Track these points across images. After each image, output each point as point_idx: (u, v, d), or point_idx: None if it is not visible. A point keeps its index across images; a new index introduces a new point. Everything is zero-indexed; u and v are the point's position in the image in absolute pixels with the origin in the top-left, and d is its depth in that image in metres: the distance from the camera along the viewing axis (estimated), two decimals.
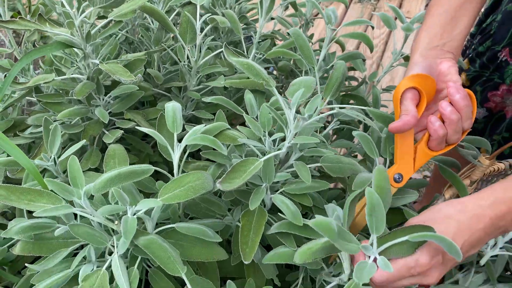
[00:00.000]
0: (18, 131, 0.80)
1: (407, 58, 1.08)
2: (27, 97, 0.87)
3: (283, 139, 0.62)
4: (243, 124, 0.69)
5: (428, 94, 0.63)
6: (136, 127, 0.62)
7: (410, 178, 0.66)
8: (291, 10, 1.19)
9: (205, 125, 0.62)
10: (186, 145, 0.63)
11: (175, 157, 0.61)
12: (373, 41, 2.40)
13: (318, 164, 0.64)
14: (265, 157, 0.57)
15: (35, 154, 0.77)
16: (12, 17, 0.96)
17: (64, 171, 0.75)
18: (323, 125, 0.87)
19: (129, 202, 0.55)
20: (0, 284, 0.79)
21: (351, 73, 1.21)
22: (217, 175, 0.63)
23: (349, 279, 0.55)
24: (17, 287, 0.72)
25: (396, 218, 0.67)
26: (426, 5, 2.95)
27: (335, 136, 1.01)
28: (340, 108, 0.62)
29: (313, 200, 0.63)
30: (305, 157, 0.64)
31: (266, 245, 0.72)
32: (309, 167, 0.62)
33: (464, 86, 1.29)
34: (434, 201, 0.87)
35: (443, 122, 0.62)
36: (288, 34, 1.10)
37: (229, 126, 0.65)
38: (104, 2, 0.59)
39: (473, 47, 1.18)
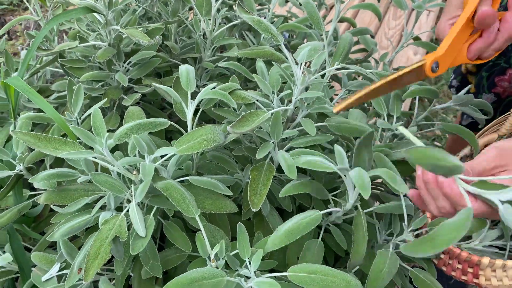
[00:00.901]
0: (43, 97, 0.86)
1: (417, 38, 1.10)
2: (50, 68, 0.92)
3: (290, 101, 0.66)
4: None
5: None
6: (154, 84, 0.66)
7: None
8: None
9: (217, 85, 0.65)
10: (199, 104, 0.67)
11: (189, 113, 0.65)
12: (388, 31, 2.42)
13: (324, 123, 0.67)
14: (273, 110, 0.60)
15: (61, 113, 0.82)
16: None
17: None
18: (332, 97, 0.90)
19: (147, 151, 0.59)
20: (25, 242, 0.84)
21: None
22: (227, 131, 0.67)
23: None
24: (39, 244, 0.77)
25: (403, 169, 0.70)
26: None
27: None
28: (344, 68, 0.65)
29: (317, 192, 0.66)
30: (313, 116, 0.67)
31: (277, 208, 0.76)
32: (316, 125, 0.65)
33: (470, 72, 1.31)
34: None
35: None
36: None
37: (240, 87, 0.69)
38: None
39: None
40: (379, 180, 0.90)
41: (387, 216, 0.75)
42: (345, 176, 0.60)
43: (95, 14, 0.70)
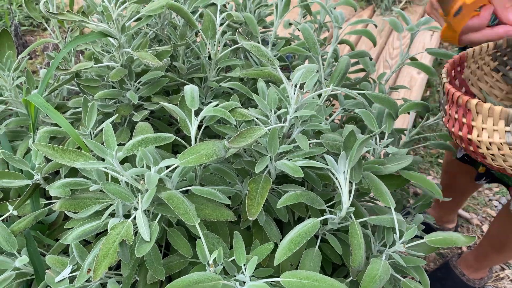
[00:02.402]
0: (60, 113, 0.92)
1: (413, 59, 1.15)
2: (67, 87, 0.99)
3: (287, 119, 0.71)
4: None
5: None
6: (161, 102, 0.72)
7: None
8: (310, 18, 1.29)
9: (219, 103, 0.71)
10: (202, 120, 0.72)
11: (193, 129, 0.71)
12: (392, 51, 2.47)
13: (319, 140, 0.73)
14: (270, 127, 0.66)
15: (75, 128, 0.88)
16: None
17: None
18: (330, 114, 0.96)
19: (152, 162, 0.65)
20: (40, 249, 0.90)
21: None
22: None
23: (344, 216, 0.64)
24: (53, 249, 0.82)
25: (395, 182, 0.75)
26: None
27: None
28: (340, 89, 0.70)
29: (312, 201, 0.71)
30: (308, 134, 0.72)
31: (275, 219, 0.81)
32: (310, 142, 0.71)
33: None
34: None
35: None
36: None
37: (240, 105, 0.75)
38: None
39: None
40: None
41: (380, 228, 0.79)
42: (336, 179, 0.65)
43: (109, 37, 0.77)
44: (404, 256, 0.74)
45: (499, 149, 0.63)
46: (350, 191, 0.68)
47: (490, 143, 0.63)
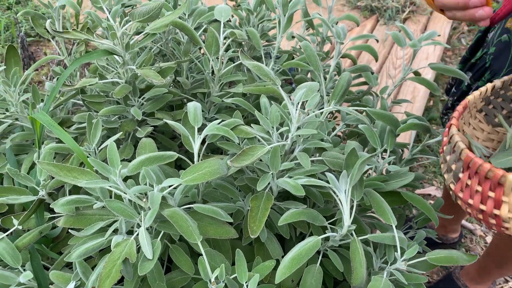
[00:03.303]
0: (65, 127, 0.93)
1: (416, 73, 1.16)
2: (72, 100, 1.00)
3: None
4: None
5: None
6: (165, 119, 0.73)
7: None
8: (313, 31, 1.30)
9: (222, 121, 0.72)
10: (205, 138, 0.73)
11: (196, 146, 0.72)
12: (396, 61, 2.48)
13: (320, 158, 0.73)
14: (272, 145, 0.66)
15: (79, 145, 0.89)
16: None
17: (103, 160, 0.87)
18: (333, 128, 0.96)
19: (155, 181, 0.66)
20: (44, 261, 0.91)
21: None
22: None
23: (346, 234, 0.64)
24: (56, 263, 0.83)
25: (396, 199, 0.75)
26: (454, 28, 3.01)
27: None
28: (341, 108, 0.71)
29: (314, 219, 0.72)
30: (309, 151, 0.73)
31: (277, 235, 0.81)
32: (312, 159, 0.71)
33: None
34: None
35: None
36: None
37: (242, 122, 0.76)
38: (142, 16, 0.71)
39: (465, 84, 1.19)
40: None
41: (382, 244, 0.79)
42: (338, 197, 0.66)
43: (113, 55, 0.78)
44: (406, 273, 0.74)
45: None
46: (352, 207, 0.69)
47: None
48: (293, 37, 1.31)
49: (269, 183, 0.72)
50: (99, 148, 0.80)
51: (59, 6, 0.89)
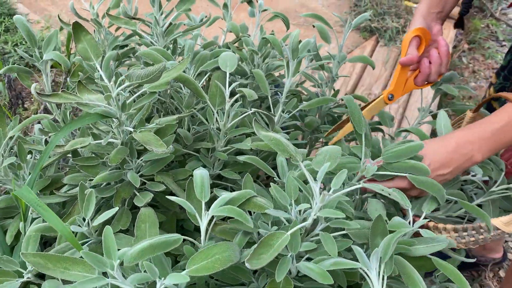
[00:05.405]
0: (54, 189, 0.84)
1: (435, 116, 1.08)
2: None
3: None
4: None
5: (425, 42, 0.92)
6: (168, 196, 0.64)
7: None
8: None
9: (232, 190, 0.63)
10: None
11: (203, 225, 0.63)
12: None
13: (344, 232, 0.65)
14: (292, 231, 0.58)
15: (70, 212, 0.80)
16: (52, 67, 1.02)
17: (96, 231, 0.78)
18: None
19: (158, 274, 0.57)
20: None
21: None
22: (243, 244, 0.64)
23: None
24: None
25: (425, 265, 0.68)
26: (454, 47, 2.96)
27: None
28: (371, 186, 0.63)
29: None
30: (330, 228, 0.64)
31: None
32: (334, 235, 0.63)
33: (492, 98, 1.38)
34: None
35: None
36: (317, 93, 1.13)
37: (255, 193, 0.67)
38: (140, 79, 0.63)
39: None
40: None
41: None
42: (367, 275, 0.58)
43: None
44: None
45: None
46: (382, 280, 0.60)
47: None
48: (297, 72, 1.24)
49: None
50: (93, 220, 0.71)
51: (47, 60, 0.81)
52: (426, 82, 0.94)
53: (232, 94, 0.84)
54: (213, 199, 0.67)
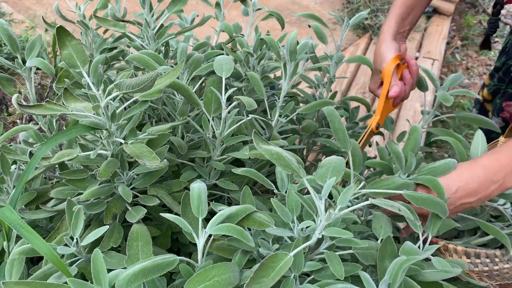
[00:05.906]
0: (40, 203, 0.80)
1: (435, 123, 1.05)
2: None
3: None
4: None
5: (401, 67, 0.98)
6: (161, 214, 0.60)
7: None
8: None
9: (229, 199, 0.59)
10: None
11: (200, 244, 0.59)
12: None
13: (350, 251, 0.61)
14: (295, 251, 0.54)
15: (57, 227, 0.76)
16: (38, 68, 0.97)
17: (86, 248, 0.73)
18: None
19: None
20: None
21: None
22: (243, 264, 0.60)
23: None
24: None
25: None
26: (447, 43, 2.94)
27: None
28: (378, 203, 0.59)
29: None
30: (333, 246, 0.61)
31: None
32: (340, 254, 0.59)
33: (486, 100, 1.40)
34: None
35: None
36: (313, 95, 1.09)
37: (255, 208, 0.63)
38: (131, 88, 0.58)
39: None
40: None
41: None
42: None
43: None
44: None
45: None
46: None
47: None
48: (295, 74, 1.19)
49: None
50: (82, 239, 0.66)
51: (30, 67, 0.76)
52: (399, 102, 1.00)
53: (227, 99, 0.79)
54: (210, 212, 0.63)
